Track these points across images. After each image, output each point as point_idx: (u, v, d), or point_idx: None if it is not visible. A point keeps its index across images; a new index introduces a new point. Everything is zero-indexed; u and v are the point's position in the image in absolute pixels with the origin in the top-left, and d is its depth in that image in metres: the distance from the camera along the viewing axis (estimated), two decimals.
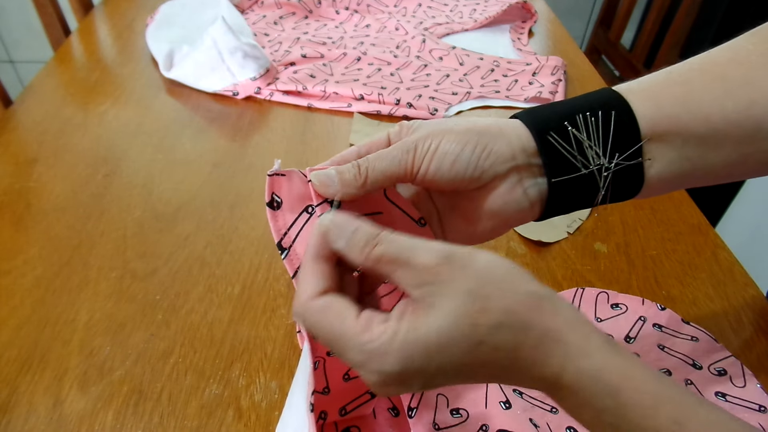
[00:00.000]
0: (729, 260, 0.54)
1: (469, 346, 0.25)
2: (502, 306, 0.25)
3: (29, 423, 0.39)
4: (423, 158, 0.31)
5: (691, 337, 0.46)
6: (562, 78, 0.82)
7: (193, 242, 0.54)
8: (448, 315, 0.25)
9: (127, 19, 0.97)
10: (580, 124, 0.32)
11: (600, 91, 0.34)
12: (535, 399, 0.41)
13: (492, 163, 0.31)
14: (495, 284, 0.26)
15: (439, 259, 0.25)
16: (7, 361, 0.43)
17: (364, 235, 0.27)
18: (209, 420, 0.40)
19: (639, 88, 0.33)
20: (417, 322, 0.25)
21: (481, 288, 0.25)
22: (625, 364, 0.25)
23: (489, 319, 0.25)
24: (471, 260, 0.26)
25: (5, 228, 0.55)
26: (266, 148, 0.67)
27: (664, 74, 0.34)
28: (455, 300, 0.25)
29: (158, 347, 0.44)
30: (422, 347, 0.25)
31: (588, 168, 0.32)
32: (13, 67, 2.00)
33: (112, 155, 0.65)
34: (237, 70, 0.77)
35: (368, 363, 0.26)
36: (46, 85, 0.78)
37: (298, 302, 0.27)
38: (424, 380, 0.26)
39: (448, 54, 0.89)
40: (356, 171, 0.31)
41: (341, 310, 0.26)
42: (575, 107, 0.33)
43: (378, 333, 0.25)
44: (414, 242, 0.26)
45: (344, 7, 1.03)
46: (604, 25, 1.54)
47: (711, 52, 0.35)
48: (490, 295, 0.25)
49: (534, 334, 0.25)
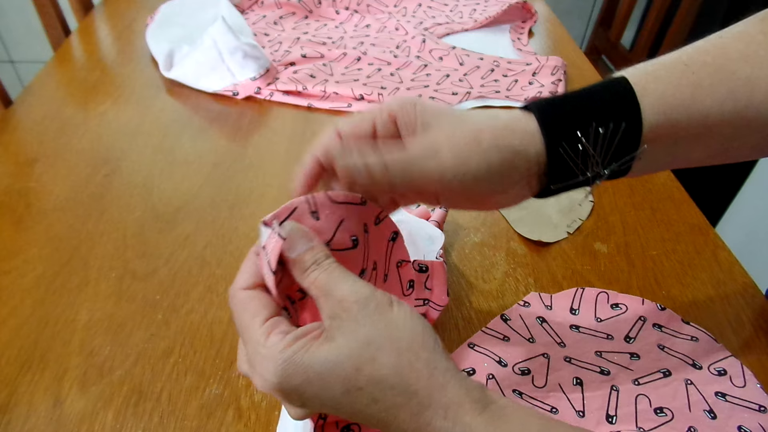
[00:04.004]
0: (729, 260, 0.54)
1: (347, 388, 0.26)
2: (393, 364, 0.26)
3: (29, 423, 0.39)
4: (447, 182, 0.32)
5: (691, 337, 0.46)
6: (562, 78, 0.82)
7: (193, 242, 0.54)
8: (339, 352, 0.26)
9: (127, 19, 0.97)
10: (590, 134, 0.32)
11: (615, 87, 0.33)
12: (535, 399, 0.41)
13: (511, 179, 0.33)
14: (396, 342, 0.26)
15: (357, 297, 0.26)
16: (7, 361, 0.43)
17: (312, 257, 0.28)
18: (209, 420, 0.40)
19: (654, 88, 0.33)
20: (310, 347, 0.26)
21: (381, 339, 0.26)
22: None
23: (374, 371, 0.26)
24: (385, 310, 0.27)
25: (5, 228, 0.55)
26: (266, 148, 0.67)
27: (681, 66, 0.33)
28: (352, 341, 0.26)
29: (158, 347, 0.44)
30: (302, 371, 0.26)
31: (585, 175, 0.33)
32: (13, 67, 2.00)
33: (112, 155, 0.65)
34: (237, 70, 0.77)
35: (256, 364, 0.27)
36: (46, 85, 0.78)
37: (232, 287, 0.30)
38: (301, 401, 0.27)
39: (448, 54, 0.89)
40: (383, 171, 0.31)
41: (257, 308, 0.28)
42: (590, 111, 0.32)
43: (273, 342, 0.27)
44: (347, 278, 0.28)
45: (344, 7, 1.03)
46: (604, 25, 1.54)
47: (726, 39, 0.34)
48: (385, 350, 0.26)
49: (417, 401, 0.26)
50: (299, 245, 0.29)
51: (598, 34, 1.56)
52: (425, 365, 0.26)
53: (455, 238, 0.55)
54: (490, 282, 0.51)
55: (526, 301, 0.49)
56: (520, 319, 0.47)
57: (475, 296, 0.49)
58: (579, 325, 0.46)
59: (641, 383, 0.42)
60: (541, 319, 0.47)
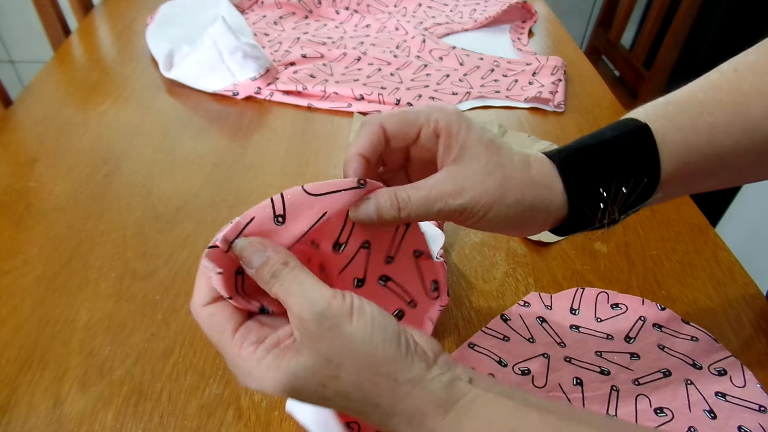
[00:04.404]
0: (729, 260, 0.54)
1: (319, 397, 0.27)
2: (354, 380, 0.26)
3: (29, 423, 0.39)
4: (468, 221, 0.33)
5: (691, 337, 0.46)
6: (562, 78, 0.82)
7: (193, 242, 0.54)
8: (305, 368, 0.27)
9: (127, 19, 0.97)
10: (611, 190, 0.34)
11: (638, 138, 0.34)
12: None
13: (527, 226, 0.34)
14: (354, 357, 0.26)
15: (312, 315, 0.26)
16: (7, 361, 0.43)
17: (269, 271, 0.28)
18: (209, 420, 0.40)
19: (672, 137, 0.34)
20: (282, 361, 0.27)
21: (340, 357, 0.26)
22: None
23: (338, 386, 0.27)
24: (343, 325, 0.26)
25: (5, 228, 0.55)
26: (266, 148, 0.67)
27: (697, 108, 0.34)
28: (314, 358, 0.26)
29: (158, 347, 0.44)
30: (278, 382, 0.27)
31: (602, 223, 0.35)
32: (13, 67, 2.00)
33: (112, 155, 0.65)
34: (237, 70, 0.77)
35: (238, 374, 0.29)
36: (46, 85, 0.78)
37: (192, 305, 0.30)
38: (294, 398, 0.28)
39: (448, 54, 0.89)
40: (396, 214, 0.32)
41: (222, 323, 0.29)
42: (612, 168, 0.34)
43: (247, 354, 0.28)
44: (303, 290, 0.27)
45: (344, 7, 1.03)
46: (604, 25, 1.54)
47: (740, 72, 0.35)
48: (345, 366, 0.26)
49: (381, 411, 0.27)
50: (254, 260, 0.28)
51: (598, 34, 1.56)
52: (385, 378, 0.26)
53: (455, 238, 0.55)
54: (490, 282, 0.51)
55: (526, 301, 0.49)
56: (520, 319, 0.47)
57: (475, 296, 0.49)
58: (579, 325, 0.46)
59: (641, 383, 0.42)
60: (541, 319, 0.47)
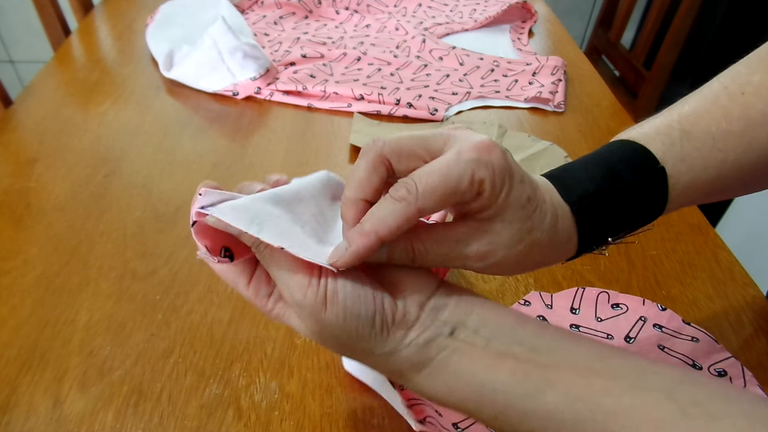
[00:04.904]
0: (729, 260, 0.54)
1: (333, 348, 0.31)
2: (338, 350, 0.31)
3: (29, 423, 0.39)
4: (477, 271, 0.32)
5: (691, 338, 0.46)
6: (562, 78, 0.82)
7: (193, 242, 0.53)
8: (298, 328, 0.31)
9: (127, 19, 0.97)
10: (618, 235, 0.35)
11: (654, 184, 0.34)
12: None
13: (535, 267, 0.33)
14: (333, 337, 0.29)
15: (291, 301, 0.29)
16: (7, 361, 0.43)
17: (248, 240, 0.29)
18: (209, 420, 0.40)
19: (684, 179, 0.34)
20: (284, 316, 0.32)
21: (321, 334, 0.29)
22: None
23: (327, 347, 0.31)
24: (317, 313, 0.29)
25: (5, 228, 0.55)
26: (266, 148, 0.67)
27: (710, 142, 0.34)
28: (302, 326, 0.30)
29: (158, 347, 0.44)
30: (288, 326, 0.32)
31: (601, 248, 0.35)
32: (13, 67, 2.00)
33: (112, 155, 0.65)
34: (237, 70, 0.77)
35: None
36: (46, 85, 0.78)
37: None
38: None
39: (448, 54, 0.89)
40: (409, 263, 0.30)
41: (234, 278, 0.32)
42: (627, 220, 0.34)
43: (261, 305, 0.32)
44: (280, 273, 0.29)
45: (344, 7, 1.03)
46: (604, 25, 1.54)
47: (748, 97, 0.35)
48: (327, 341, 0.29)
49: (369, 365, 0.31)
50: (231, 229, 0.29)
51: (598, 34, 1.56)
52: (362, 352, 0.29)
53: None
54: (490, 282, 0.51)
55: (526, 300, 0.48)
56: None
57: None
58: (579, 325, 0.46)
59: None
60: (542, 318, 0.47)
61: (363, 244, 0.28)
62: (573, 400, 0.25)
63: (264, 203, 0.30)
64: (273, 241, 0.28)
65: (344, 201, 0.29)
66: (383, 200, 0.28)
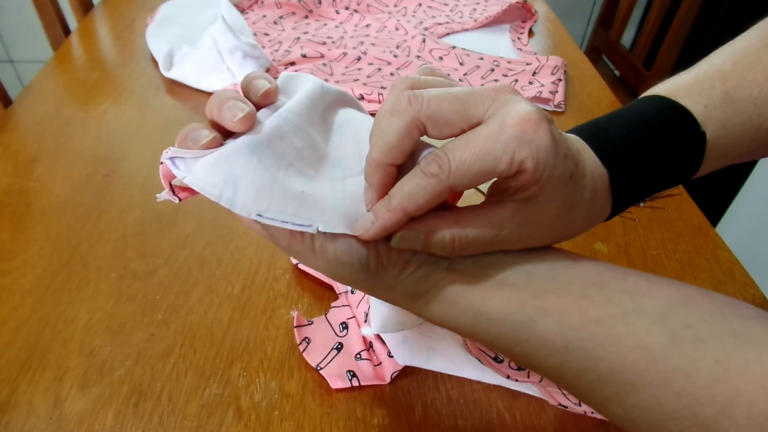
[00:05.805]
0: (729, 260, 0.54)
1: None
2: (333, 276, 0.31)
3: (29, 423, 0.39)
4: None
5: None
6: (562, 78, 0.82)
7: (193, 242, 0.54)
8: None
9: (127, 19, 0.97)
10: (652, 191, 0.33)
11: (691, 151, 0.32)
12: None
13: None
14: (339, 278, 0.30)
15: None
16: (7, 361, 0.43)
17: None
18: (209, 420, 0.40)
19: (721, 143, 0.33)
20: None
21: (315, 266, 0.30)
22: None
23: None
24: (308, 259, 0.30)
25: (5, 228, 0.55)
26: None
27: (750, 109, 0.33)
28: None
29: (158, 347, 0.44)
30: None
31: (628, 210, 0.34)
32: (13, 67, 2.00)
33: (112, 155, 0.65)
34: (237, 70, 0.77)
35: None
36: (46, 85, 0.78)
37: None
38: None
39: (448, 54, 0.89)
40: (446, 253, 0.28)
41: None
42: (661, 183, 0.32)
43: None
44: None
45: (344, 6, 1.02)
46: (604, 25, 1.54)
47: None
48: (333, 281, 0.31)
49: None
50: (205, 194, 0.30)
51: (598, 34, 1.56)
52: (364, 288, 0.31)
53: None
54: None
55: None
56: None
57: None
58: None
59: None
60: None
61: (390, 220, 0.27)
62: (565, 329, 0.26)
63: (237, 155, 0.28)
64: (248, 207, 0.27)
65: (369, 162, 0.27)
66: (413, 175, 0.27)
